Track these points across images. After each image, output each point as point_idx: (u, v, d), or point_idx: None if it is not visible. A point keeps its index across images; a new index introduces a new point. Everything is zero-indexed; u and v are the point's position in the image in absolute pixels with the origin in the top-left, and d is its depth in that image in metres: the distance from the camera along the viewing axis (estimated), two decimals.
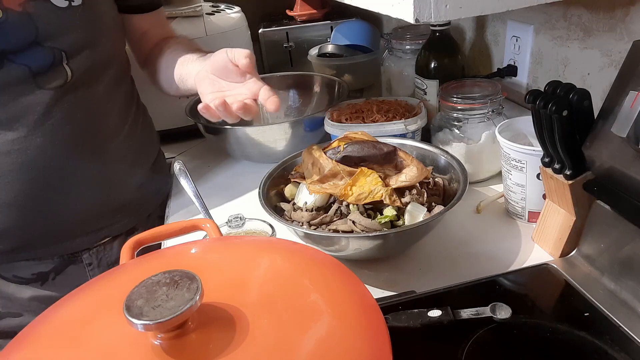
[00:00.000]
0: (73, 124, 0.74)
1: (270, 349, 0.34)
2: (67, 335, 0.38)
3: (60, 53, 0.71)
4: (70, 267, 0.83)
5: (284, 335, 0.35)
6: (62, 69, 0.72)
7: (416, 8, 0.50)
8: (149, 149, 0.93)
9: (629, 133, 0.49)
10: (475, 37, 1.12)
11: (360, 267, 0.67)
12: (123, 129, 0.83)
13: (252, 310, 0.37)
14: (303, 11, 1.50)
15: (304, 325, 0.35)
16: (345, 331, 0.35)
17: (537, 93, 0.55)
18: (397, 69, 1.10)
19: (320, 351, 0.34)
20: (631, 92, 0.49)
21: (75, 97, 0.74)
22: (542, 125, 0.57)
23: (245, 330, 0.35)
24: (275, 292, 0.39)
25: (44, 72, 0.70)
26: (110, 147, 0.81)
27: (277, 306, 0.37)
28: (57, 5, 0.70)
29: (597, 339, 0.50)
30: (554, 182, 0.61)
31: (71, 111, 0.74)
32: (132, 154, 0.85)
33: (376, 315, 0.37)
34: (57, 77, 0.71)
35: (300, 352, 0.34)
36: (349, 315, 0.36)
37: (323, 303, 0.37)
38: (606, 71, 0.78)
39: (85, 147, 0.77)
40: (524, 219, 0.72)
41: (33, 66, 0.69)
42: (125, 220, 0.86)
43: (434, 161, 0.75)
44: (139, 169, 0.87)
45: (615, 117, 0.51)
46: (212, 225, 0.60)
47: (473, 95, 0.79)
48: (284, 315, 0.36)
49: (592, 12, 0.79)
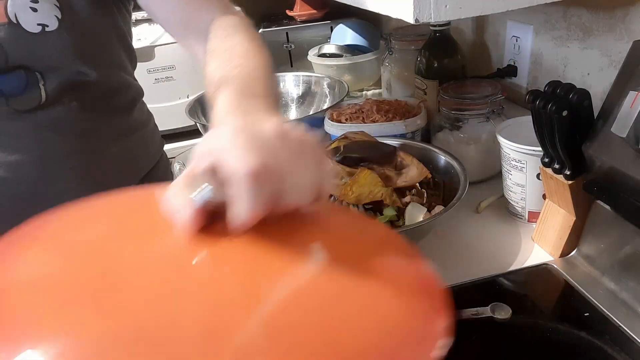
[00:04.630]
0: (46, 145, 0.72)
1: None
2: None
3: (35, 75, 0.68)
4: None
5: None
6: (37, 91, 0.68)
7: (416, 8, 0.50)
8: (143, 162, 0.88)
9: (629, 133, 0.49)
10: (475, 37, 1.12)
11: None
12: (111, 144, 0.80)
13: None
14: (303, 11, 1.50)
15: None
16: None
17: (537, 93, 0.55)
18: (397, 69, 1.10)
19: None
20: (631, 92, 0.49)
21: (50, 118, 0.70)
22: (542, 125, 0.57)
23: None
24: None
25: (17, 95, 0.67)
26: (94, 165, 0.77)
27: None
28: (29, 30, 0.65)
29: (597, 339, 0.50)
30: (554, 182, 0.61)
31: (45, 132, 0.71)
32: (121, 169, 0.82)
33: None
34: (31, 100, 0.68)
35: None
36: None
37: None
38: (606, 71, 0.78)
39: (64, 164, 0.74)
40: (524, 219, 0.72)
41: (5, 90, 0.66)
42: None
43: (433, 161, 0.75)
44: (127, 184, 0.82)
45: (615, 117, 0.51)
46: None
47: (473, 95, 0.79)
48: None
49: (592, 12, 0.79)
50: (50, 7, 0.66)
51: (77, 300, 0.29)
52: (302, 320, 0.30)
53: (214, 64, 0.58)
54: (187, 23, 0.70)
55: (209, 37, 0.64)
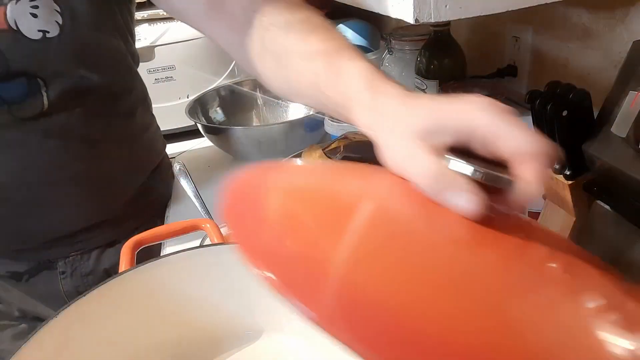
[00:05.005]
0: (49, 151, 0.71)
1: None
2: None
3: (37, 82, 0.67)
4: (45, 272, 0.81)
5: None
6: (39, 98, 0.68)
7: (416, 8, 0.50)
8: (146, 164, 0.88)
9: (629, 133, 0.49)
10: (475, 37, 1.12)
11: None
12: (115, 148, 0.80)
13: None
14: None
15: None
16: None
17: (537, 93, 0.55)
18: (397, 69, 1.10)
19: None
20: (631, 92, 0.49)
21: (53, 125, 0.70)
22: (542, 125, 0.56)
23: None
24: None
25: (19, 102, 0.67)
26: (96, 170, 0.77)
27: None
28: (30, 37, 0.64)
29: None
30: (554, 182, 0.61)
31: (49, 138, 0.71)
32: (124, 172, 0.82)
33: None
34: (33, 107, 0.68)
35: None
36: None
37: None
38: (606, 71, 0.78)
39: (65, 171, 0.74)
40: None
41: (7, 97, 0.66)
42: (107, 234, 0.83)
43: None
44: (131, 186, 0.84)
45: (615, 117, 0.51)
46: (212, 225, 0.60)
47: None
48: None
49: (592, 12, 0.79)
50: (51, 13, 0.65)
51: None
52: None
53: (305, 38, 0.48)
54: (213, 5, 0.58)
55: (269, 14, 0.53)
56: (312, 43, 0.47)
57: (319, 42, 0.47)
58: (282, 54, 0.50)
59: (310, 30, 0.49)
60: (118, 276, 0.48)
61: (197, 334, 0.52)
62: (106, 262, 0.82)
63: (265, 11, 0.52)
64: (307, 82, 0.47)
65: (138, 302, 0.49)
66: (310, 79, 0.46)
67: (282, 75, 0.52)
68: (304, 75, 0.47)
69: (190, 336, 0.52)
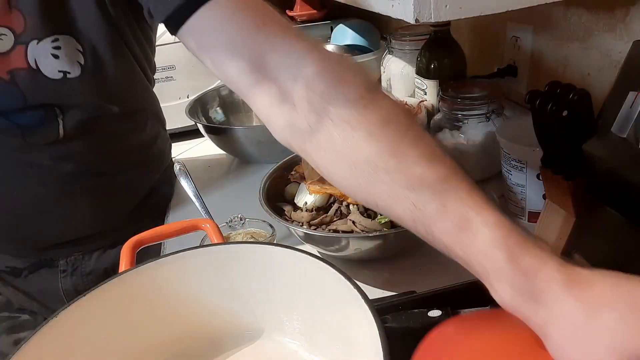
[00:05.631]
0: (60, 173, 0.71)
1: None
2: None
3: (54, 110, 0.66)
4: (44, 269, 0.82)
5: None
6: (54, 125, 0.67)
7: (416, 8, 0.50)
8: (154, 172, 0.88)
9: (629, 133, 0.49)
10: (475, 37, 1.12)
11: (360, 267, 0.67)
12: (125, 165, 0.80)
13: None
14: (303, 11, 1.50)
15: None
16: None
17: (537, 93, 0.55)
18: (397, 69, 1.10)
19: None
20: (631, 92, 0.49)
21: (67, 151, 0.70)
22: (542, 125, 0.56)
23: None
24: None
25: (34, 128, 0.66)
26: (107, 183, 0.77)
27: None
28: (50, 77, 0.63)
29: None
30: (554, 182, 0.61)
31: (61, 162, 0.70)
32: (132, 182, 0.82)
33: None
34: (48, 134, 0.67)
35: None
36: None
37: None
38: (606, 71, 0.78)
39: (76, 186, 0.74)
40: (524, 219, 0.72)
41: (22, 124, 0.65)
42: (110, 237, 0.83)
43: None
44: (138, 193, 0.84)
45: (615, 117, 0.51)
46: (212, 225, 0.60)
47: (473, 95, 0.79)
48: None
49: (592, 12, 0.79)
50: (73, 53, 0.63)
51: None
52: None
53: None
54: (256, 64, 0.46)
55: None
56: (409, 164, 0.38)
57: (418, 164, 0.37)
58: (361, 163, 0.40)
59: (399, 139, 0.39)
60: (118, 276, 0.48)
61: (197, 334, 0.52)
62: (107, 261, 0.82)
63: (333, 96, 0.42)
64: (403, 211, 0.39)
65: (138, 302, 0.49)
66: (409, 211, 0.38)
67: (357, 183, 0.42)
68: (398, 202, 0.39)
69: (190, 336, 0.52)
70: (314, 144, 0.43)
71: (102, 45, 0.65)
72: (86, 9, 0.61)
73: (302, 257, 0.47)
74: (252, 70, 0.46)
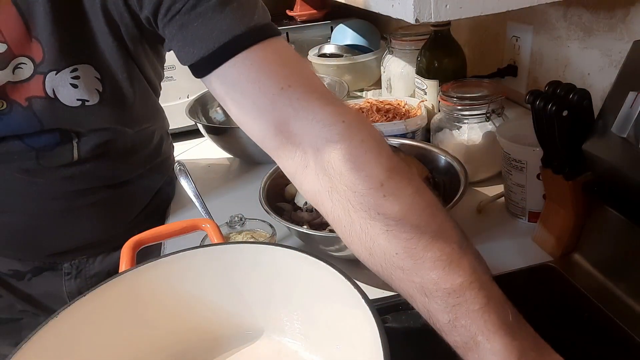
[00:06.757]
0: (70, 190, 0.72)
1: None
2: None
3: (69, 134, 0.66)
4: (48, 272, 0.82)
5: None
6: (69, 147, 0.67)
7: (416, 8, 0.50)
8: (160, 177, 0.88)
9: (629, 133, 0.49)
10: (475, 37, 1.12)
11: (360, 268, 0.66)
12: (133, 177, 0.80)
13: None
14: (303, 11, 1.50)
15: None
16: None
17: (537, 93, 0.55)
18: (397, 69, 1.10)
19: None
20: (631, 92, 0.49)
21: (79, 171, 0.70)
22: (542, 125, 0.57)
23: None
24: None
25: (47, 152, 0.66)
26: (115, 195, 0.78)
27: None
28: (67, 104, 0.62)
29: (598, 339, 0.50)
30: (554, 182, 0.61)
31: (72, 180, 0.71)
32: (139, 191, 0.82)
33: None
34: (62, 156, 0.67)
35: None
36: None
37: None
38: (606, 71, 0.78)
39: (86, 200, 0.74)
40: (524, 219, 0.72)
41: (37, 147, 0.65)
42: (115, 242, 0.82)
43: (434, 161, 0.75)
44: (144, 200, 0.85)
45: (615, 117, 0.51)
46: (212, 225, 0.60)
47: (473, 95, 0.79)
48: None
49: (592, 12, 0.79)
50: (92, 81, 0.63)
51: None
52: None
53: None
54: (279, 129, 0.47)
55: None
56: (425, 269, 0.38)
57: (434, 270, 0.38)
58: (378, 254, 0.42)
59: (417, 238, 0.39)
60: (118, 276, 0.48)
61: (197, 333, 0.52)
62: (111, 264, 0.83)
63: (353, 180, 0.42)
64: (416, 307, 0.41)
65: (138, 302, 0.49)
66: (422, 310, 0.40)
67: (375, 267, 0.44)
68: (412, 300, 0.41)
69: (190, 336, 0.52)
70: (336, 218, 0.45)
71: (120, 72, 0.64)
72: (102, 40, 0.61)
73: (302, 257, 0.47)
74: (275, 134, 0.47)
